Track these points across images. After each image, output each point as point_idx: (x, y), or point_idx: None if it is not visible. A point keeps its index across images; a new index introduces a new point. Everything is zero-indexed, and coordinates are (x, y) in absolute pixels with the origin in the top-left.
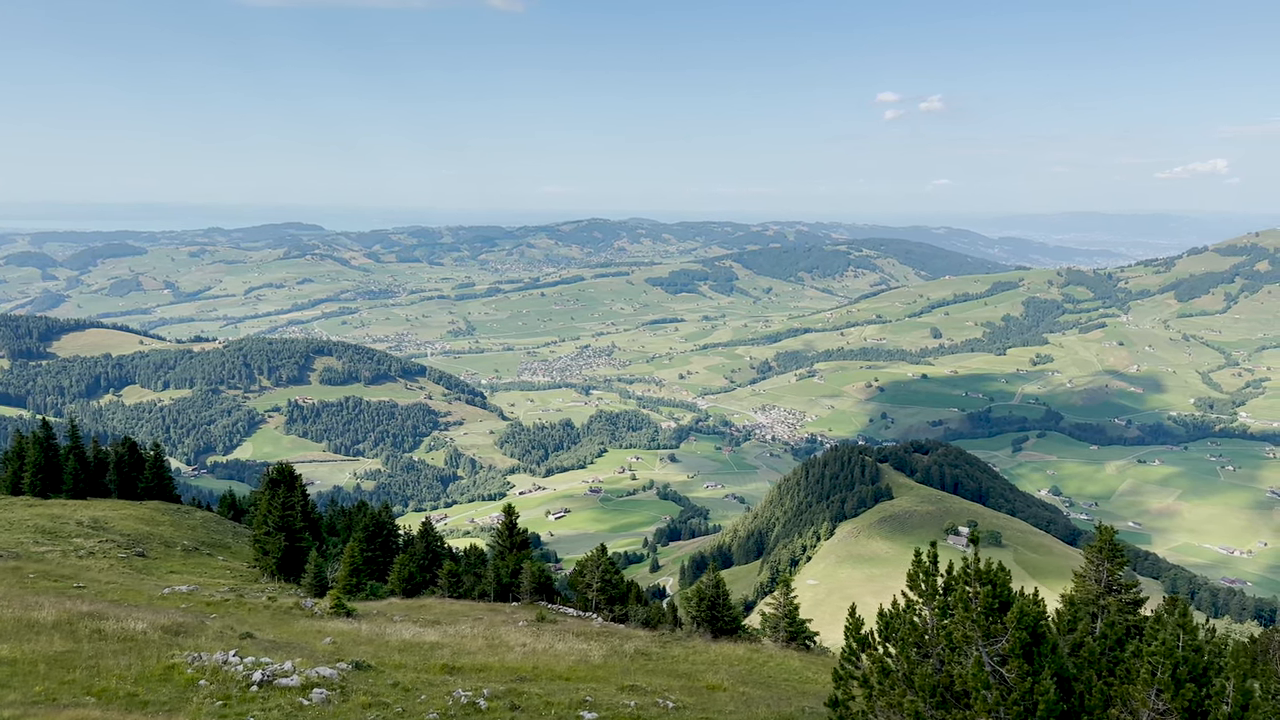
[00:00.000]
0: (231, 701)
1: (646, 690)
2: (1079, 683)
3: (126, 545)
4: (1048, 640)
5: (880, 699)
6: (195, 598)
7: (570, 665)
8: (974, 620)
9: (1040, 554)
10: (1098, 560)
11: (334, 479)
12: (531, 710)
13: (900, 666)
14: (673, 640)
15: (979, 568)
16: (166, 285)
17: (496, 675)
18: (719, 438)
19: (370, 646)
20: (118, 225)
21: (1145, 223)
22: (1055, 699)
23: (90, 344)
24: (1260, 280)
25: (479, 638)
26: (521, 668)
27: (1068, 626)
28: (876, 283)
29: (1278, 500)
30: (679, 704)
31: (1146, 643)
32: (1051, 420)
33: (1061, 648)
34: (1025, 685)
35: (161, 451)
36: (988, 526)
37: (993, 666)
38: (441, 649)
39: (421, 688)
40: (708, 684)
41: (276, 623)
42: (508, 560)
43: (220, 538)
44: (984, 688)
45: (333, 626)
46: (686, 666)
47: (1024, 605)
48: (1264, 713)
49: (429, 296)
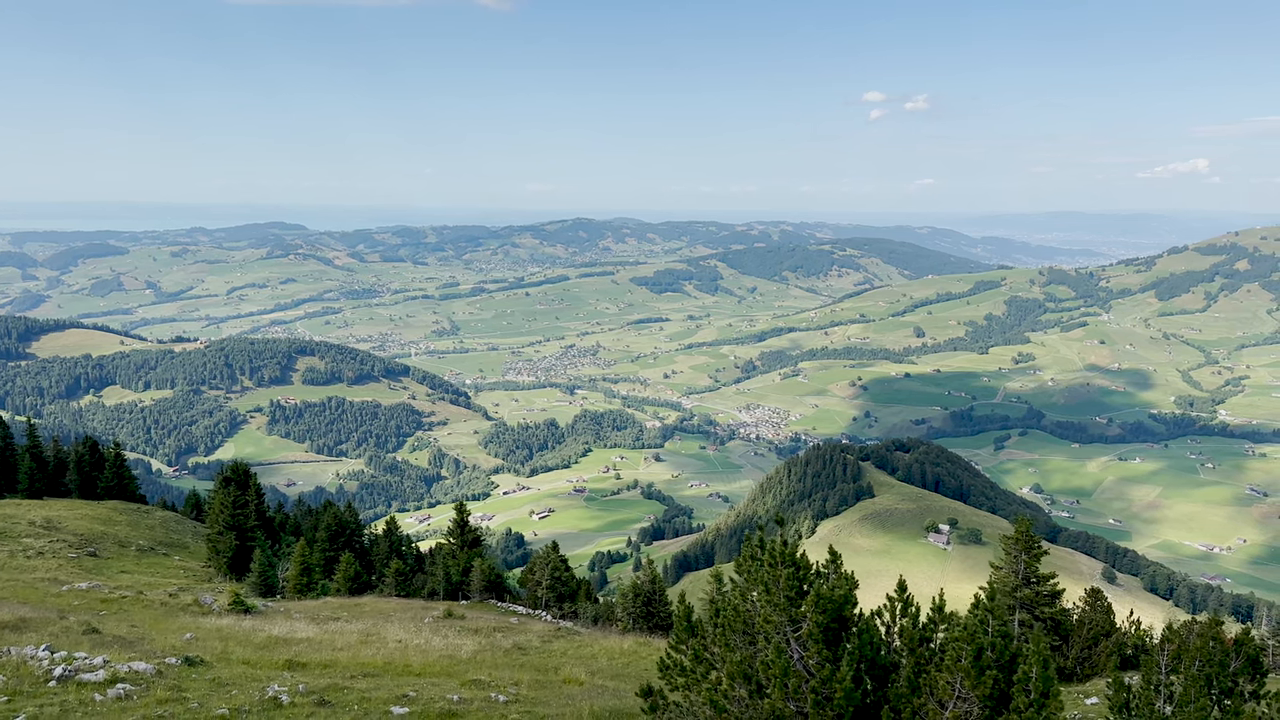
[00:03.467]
0: (18, 696)
1: (488, 684)
2: (901, 669)
3: (78, 545)
4: (854, 626)
5: (693, 687)
6: (91, 595)
7: (429, 661)
8: (776, 605)
9: None
10: (1015, 552)
11: (317, 479)
12: (341, 705)
13: (719, 654)
14: (568, 635)
15: (782, 549)
16: (148, 285)
17: (338, 671)
18: (704, 437)
19: (226, 643)
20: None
21: (1127, 222)
22: (852, 687)
23: (70, 344)
24: (1239, 279)
25: (355, 634)
26: (372, 664)
27: (899, 614)
28: (860, 282)
29: (1257, 497)
30: (513, 698)
31: (949, 628)
32: (1033, 419)
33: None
34: (825, 672)
35: (122, 451)
36: (968, 524)
37: (799, 653)
38: (298, 645)
39: (241, 683)
40: (565, 678)
41: (155, 620)
42: (459, 559)
43: (179, 538)
44: (784, 675)
45: (210, 624)
46: (559, 661)
47: (821, 589)
48: (1140, 707)
49: (413, 296)
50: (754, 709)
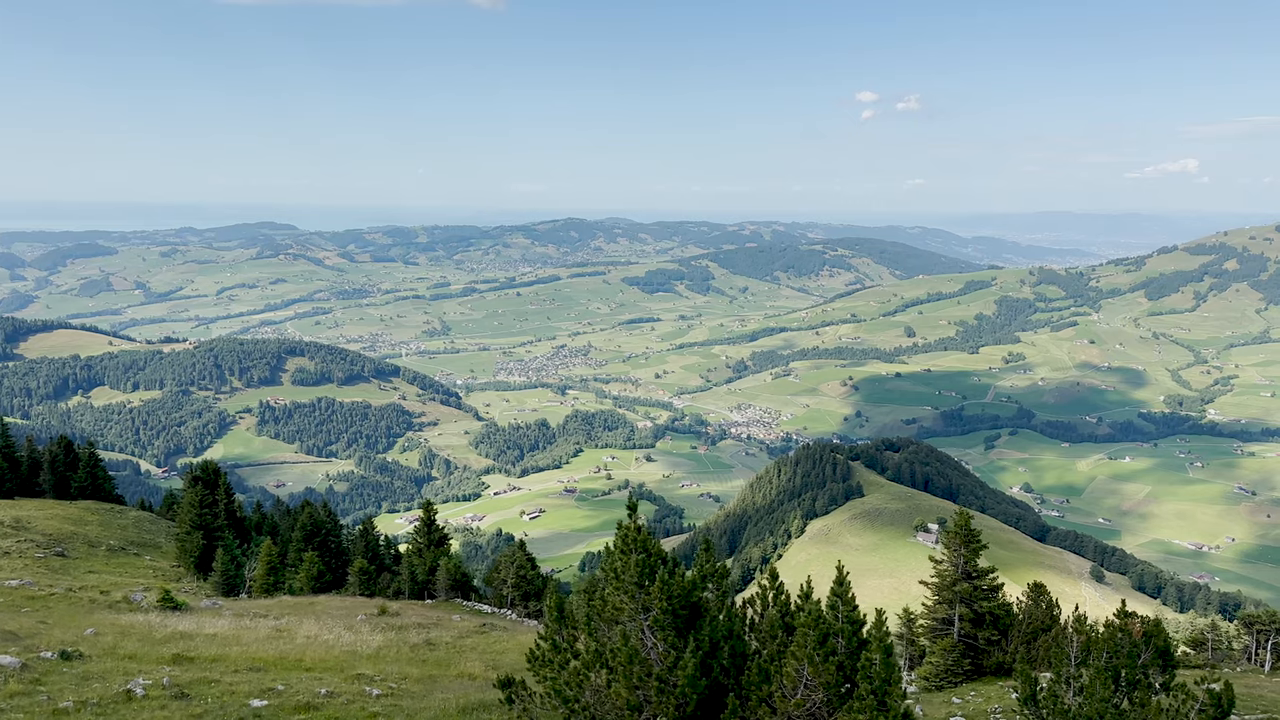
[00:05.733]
0: None
1: (371, 679)
2: (759, 658)
3: (46, 545)
4: (707, 613)
5: (554, 678)
6: (19, 593)
7: (327, 656)
8: (626, 591)
9: (1009, 550)
10: (955, 546)
11: (306, 480)
12: (199, 698)
13: (582, 644)
14: (490, 631)
15: (634, 535)
16: (137, 285)
17: (225, 665)
18: (695, 437)
19: (122, 638)
20: (88, 225)
21: (1117, 222)
22: (696, 674)
23: (58, 345)
24: (1228, 279)
25: (268, 630)
26: (263, 658)
27: (770, 603)
28: (851, 282)
29: (1245, 495)
30: (389, 692)
31: (795, 614)
32: (1024, 418)
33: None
34: (669, 659)
35: (96, 451)
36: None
37: (651, 640)
38: (200, 640)
39: (109, 677)
40: (459, 673)
41: (69, 617)
42: (425, 558)
43: (152, 537)
44: (629, 662)
45: (123, 620)
46: (463, 656)
47: (664, 575)
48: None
49: (404, 296)
50: (606, 698)
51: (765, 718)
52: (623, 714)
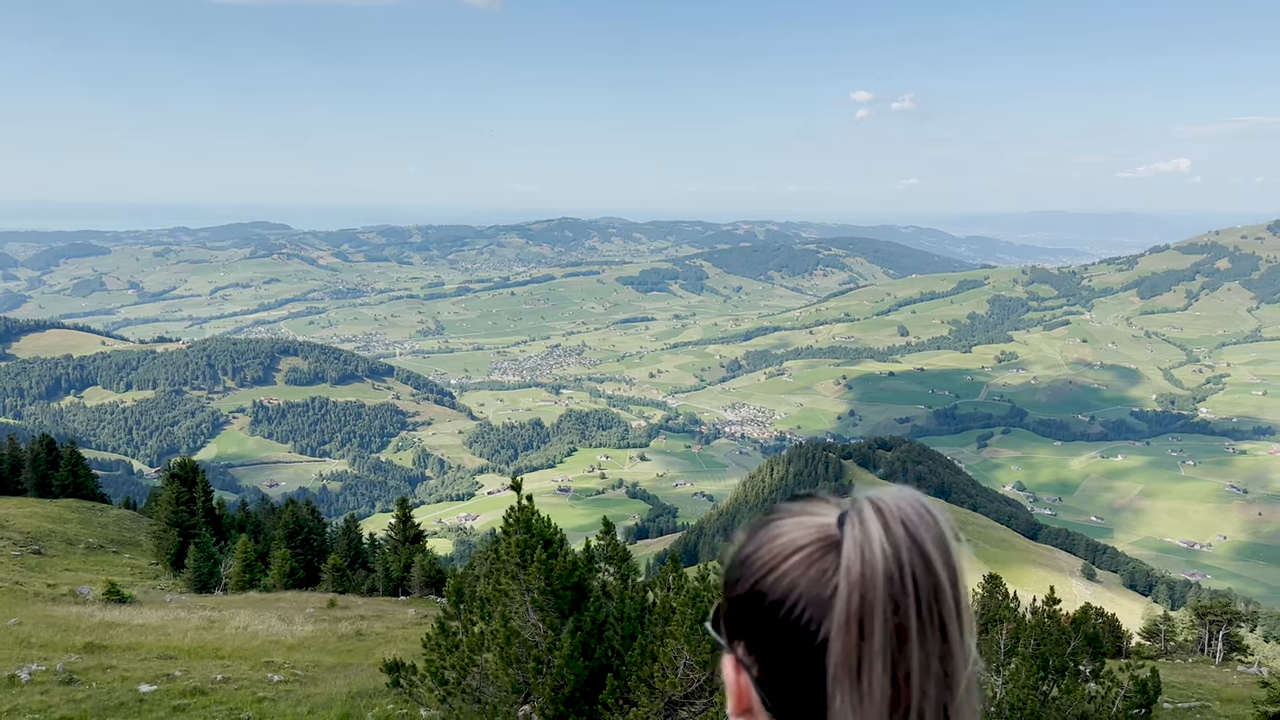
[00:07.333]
0: None
1: (280, 665)
2: (644, 638)
3: (23, 543)
4: (591, 594)
5: (436, 660)
6: None
7: (247, 645)
8: (508, 572)
9: (1001, 548)
10: None
11: (300, 480)
12: (88, 683)
13: (477, 627)
14: (430, 622)
15: (519, 514)
16: (131, 285)
17: (138, 653)
18: (689, 436)
19: (38, 628)
20: (80, 224)
21: (1109, 221)
22: (573, 655)
23: (51, 345)
24: (1220, 278)
25: (200, 621)
26: (179, 647)
27: (671, 586)
28: (845, 281)
29: (1237, 494)
30: (291, 678)
31: (675, 591)
32: (1016, 417)
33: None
34: (548, 640)
35: (77, 448)
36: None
37: (536, 621)
38: (125, 630)
39: (8, 665)
40: (375, 661)
41: (2, 607)
42: (400, 554)
43: (133, 535)
44: (506, 643)
45: (56, 611)
46: (388, 646)
47: (541, 556)
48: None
49: (398, 296)
50: (489, 680)
51: (644, 698)
52: (505, 695)
